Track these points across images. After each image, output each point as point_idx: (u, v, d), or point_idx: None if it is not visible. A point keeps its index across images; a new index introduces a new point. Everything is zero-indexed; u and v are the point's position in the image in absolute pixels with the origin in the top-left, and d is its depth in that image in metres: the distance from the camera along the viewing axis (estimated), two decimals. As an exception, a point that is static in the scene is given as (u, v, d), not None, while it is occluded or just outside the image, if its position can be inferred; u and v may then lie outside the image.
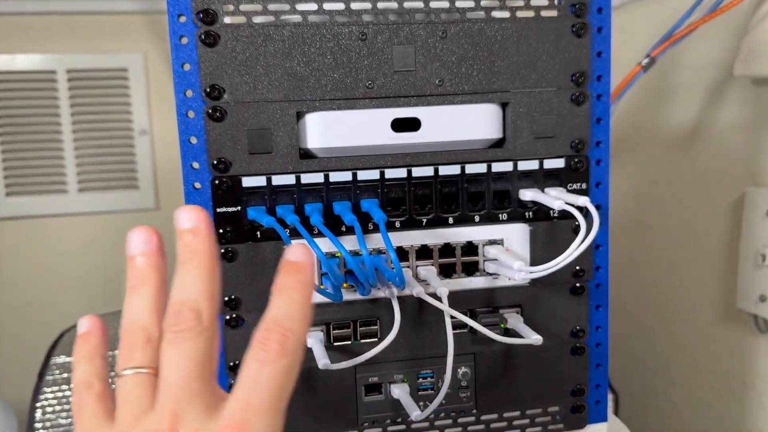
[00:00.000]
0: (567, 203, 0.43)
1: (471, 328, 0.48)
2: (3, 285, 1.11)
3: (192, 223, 0.35)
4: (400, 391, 0.47)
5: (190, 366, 0.31)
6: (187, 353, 0.31)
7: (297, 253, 0.33)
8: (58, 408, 0.80)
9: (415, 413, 0.44)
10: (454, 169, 0.47)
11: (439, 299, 0.43)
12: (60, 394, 0.82)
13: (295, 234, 0.43)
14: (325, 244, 0.44)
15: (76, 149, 1.07)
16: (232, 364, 0.46)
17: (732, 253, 0.81)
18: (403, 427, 0.49)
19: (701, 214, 0.87)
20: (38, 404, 0.80)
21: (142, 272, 0.34)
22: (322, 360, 0.42)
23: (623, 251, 1.03)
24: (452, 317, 0.43)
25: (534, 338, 0.44)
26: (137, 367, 0.32)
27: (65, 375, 0.85)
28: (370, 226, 0.45)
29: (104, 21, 1.07)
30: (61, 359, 0.88)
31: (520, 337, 0.46)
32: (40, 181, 1.08)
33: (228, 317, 0.45)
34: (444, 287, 0.43)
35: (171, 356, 0.31)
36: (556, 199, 0.44)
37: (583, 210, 0.44)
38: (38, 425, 0.78)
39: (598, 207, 0.45)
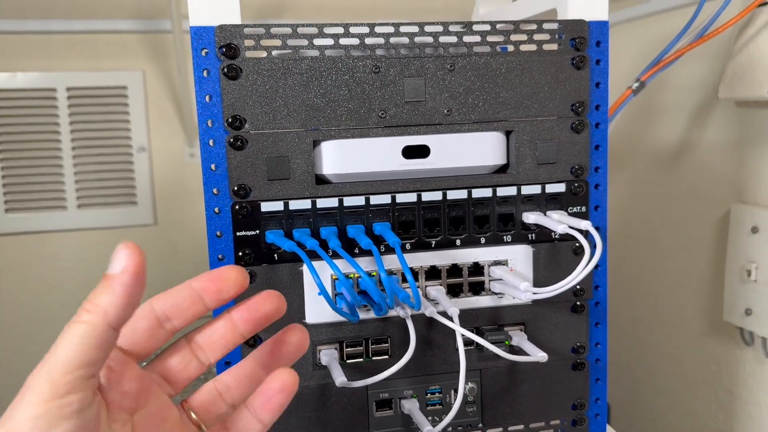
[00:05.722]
0: (570, 227, 0.46)
1: (477, 345, 0.51)
2: (2, 300, 1.11)
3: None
4: (410, 407, 0.49)
5: None
6: None
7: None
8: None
9: (426, 428, 0.46)
10: (461, 194, 0.49)
11: (450, 318, 0.45)
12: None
13: (313, 256, 0.45)
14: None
15: (76, 166, 1.09)
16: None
17: (718, 267, 0.84)
18: (412, 440, 0.51)
19: (688, 230, 0.90)
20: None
21: None
22: (339, 378, 0.44)
23: (612, 266, 1.06)
24: (459, 335, 0.46)
25: (540, 356, 0.46)
26: None
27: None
28: (382, 248, 0.48)
29: (103, 40, 1.09)
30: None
31: (526, 354, 0.48)
32: (40, 198, 1.09)
33: (246, 336, 0.47)
34: (455, 307, 0.45)
35: None
36: (559, 222, 0.47)
37: (583, 233, 0.47)
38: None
39: (597, 229, 0.47)
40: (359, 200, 0.48)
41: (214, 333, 0.35)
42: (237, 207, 0.46)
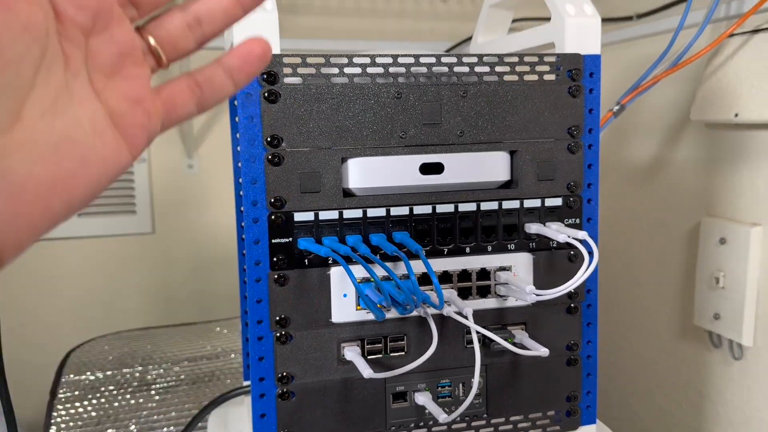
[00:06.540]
0: (569, 236, 0.52)
1: (484, 342, 0.56)
2: (3, 307, 1.14)
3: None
4: (424, 399, 0.54)
5: None
6: None
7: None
8: (71, 424, 0.84)
9: (442, 417, 0.51)
10: (471, 206, 0.55)
11: (465, 317, 0.51)
12: (72, 411, 0.86)
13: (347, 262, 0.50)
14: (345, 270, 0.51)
15: (77, 176, 1.12)
16: (280, 375, 0.52)
17: (689, 275, 0.91)
18: (424, 430, 0.56)
19: (661, 241, 0.97)
20: (52, 421, 0.84)
21: None
22: (366, 370, 0.50)
23: (591, 274, 1.12)
24: (475, 333, 0.51)
25: (542, 350, 0.52)
26: None
27: (76, 392, 0.90)
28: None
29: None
30: (71, 377, 0.92)
31: (529, 349, 0.54)
32: (41, 206, 1.11)
33: (278, 334, 0.52)
34: (469, 307, 0.51)
35: None
36: (559, 232, 0.53)
37: (580, 242, 0.53)
38: (53, 441, 0.82)
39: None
40: (381, 211, 0.53)
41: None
42: (273, 217, 0.51)
